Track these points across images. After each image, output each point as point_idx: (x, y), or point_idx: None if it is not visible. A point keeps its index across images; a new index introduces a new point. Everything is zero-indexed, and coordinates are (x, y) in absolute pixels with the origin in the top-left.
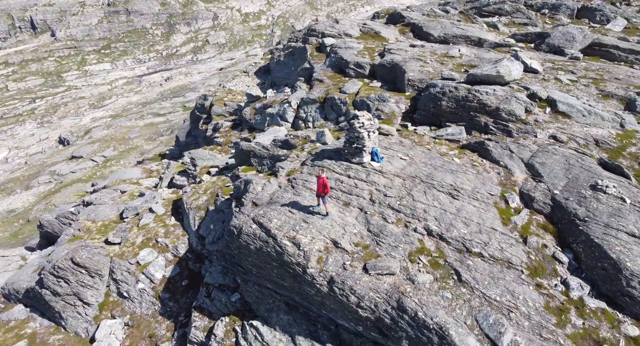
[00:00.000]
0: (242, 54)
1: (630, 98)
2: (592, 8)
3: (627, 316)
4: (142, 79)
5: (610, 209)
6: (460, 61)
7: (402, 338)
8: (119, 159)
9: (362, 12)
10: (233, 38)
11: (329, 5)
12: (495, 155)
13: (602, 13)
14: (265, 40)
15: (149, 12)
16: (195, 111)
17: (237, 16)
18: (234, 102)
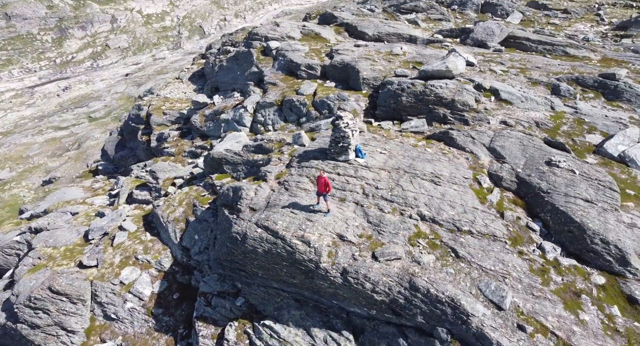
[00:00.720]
0: (149, 58)
1: (554, 84)
2: (493, 3)
3: (593, 269)
4: (34, 90)
5: (566, 180)
6: (405, 58)
7: (417, 315)
8: (20, 181)
9: (270, 10)
10: (136, 41)
11: (236, 4)
12: (460, 143)
13: (502, 7)
14: (172, 43)
15: (33, 16)
16: (129, 122)
17: (138, 18)
18: (173, 110)
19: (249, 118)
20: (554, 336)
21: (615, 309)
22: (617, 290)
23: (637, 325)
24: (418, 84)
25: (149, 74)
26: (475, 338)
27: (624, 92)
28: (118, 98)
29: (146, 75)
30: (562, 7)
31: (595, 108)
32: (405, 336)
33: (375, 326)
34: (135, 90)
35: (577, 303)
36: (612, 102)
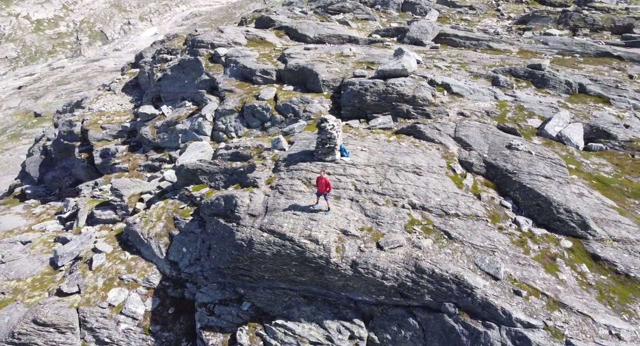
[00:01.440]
0: (45, 68)
1: (494, 77)
2: (412, 2)
3: (561, 235)
4: None
5: (526, 161)
6: (356, 59)
7: (424, 294)
8: None
9: (178, 12)
10: (27, 50)
11: (140, 6)
12: (429, 135)
13: (420, 6)
14: (71, 50)
15: None
16: (60, 140)
17: (26, 24)
18: (113, 124)
19: (209, 126)
20: (544, 297)
21: (584, 267)
22: (582, 250)
23: (603, 277)
24: (380, 83)
25: (48, 86)
26: (481, 308)
27: (550, 80)
28: (13, 114)
29: (44, 87)
30: (467, 4)
31: (529, 95)
32: (414, 315)
33: (383, 311)
34: (32, 104)
35: (554, 266)
36: (541, 89)
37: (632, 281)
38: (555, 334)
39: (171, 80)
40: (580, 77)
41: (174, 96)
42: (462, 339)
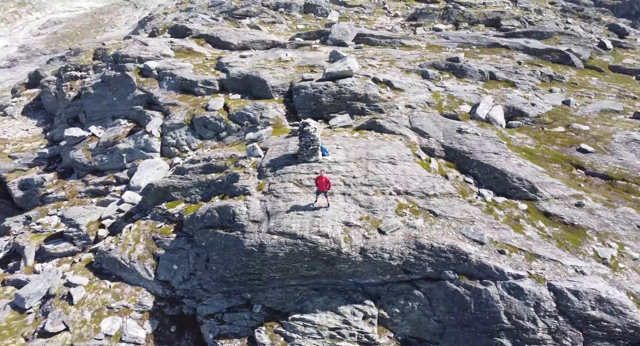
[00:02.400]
0: None
1: (423, 71)
2: (313, 4)
3: (517, 200)
4: None
5: (477, 142)
6: (295, 64)
7: (426, 267)
8: None
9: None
10: None
11: None
12: (389, 128)
13: (321, 7)
14: None
15: None
16: None
17: None
18: (23, 151)
19: (157, 142)
20: (522, 252)
21: (541, 223)
22: (536, 210)
23: (556, 229)
24: (332, 85)
25: None
26: (477, 269)
27: (467, 70)
28: None
29: None
30: (357, 3)
31: (454, 85)
32: (417, 287)
33: (389, 289)
34: None
35: (520, 226)
36: (461, 78)
37: (577, 229)
38: (538, 279)
39: (95, 98)
40: (488, 66)
41: (102, 115)
42: (466, 299)
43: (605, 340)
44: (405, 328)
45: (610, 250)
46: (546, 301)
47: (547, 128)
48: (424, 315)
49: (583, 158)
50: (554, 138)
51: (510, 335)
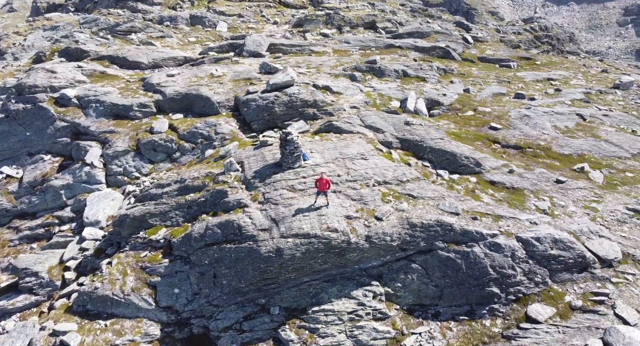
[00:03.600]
0: None
1: (349, 74)
2: (200, 16)
3: (467, 175)
4: None
5: (424, 131)
6: (229, 78)
7: (419, 242)
8: None
9: None
10: None
11: None
12: (346, 128)
13: (208, 19)
14: None
15: None
16: None
17: None
18: None
19: (102, 173)
20: (489, 216)
21: (490, 190)
22: (484, 181)
23: (503, 194)
24: (282, 95)
25: None
26: (461, 235)
27: (385, 70)
28: None
29: None
30: (235, 12)
31: (379, 84)
32: (413, 261)
33: (389, 267)
34: None
35: (477, 196)
36: (381, 78)
37: (517, 191)
38: (508, 235)
39: (1, 136)
40: (399, 65)
41: (13, 153)
42: (457, 261)
43: (563, 271)
44: (408, 298)
45: (545, 203)
46: (518, 250)
47: (460, 113)
48: (422, 284)
49: (496, 134)
50: (469, 121)
51: (497, 283)
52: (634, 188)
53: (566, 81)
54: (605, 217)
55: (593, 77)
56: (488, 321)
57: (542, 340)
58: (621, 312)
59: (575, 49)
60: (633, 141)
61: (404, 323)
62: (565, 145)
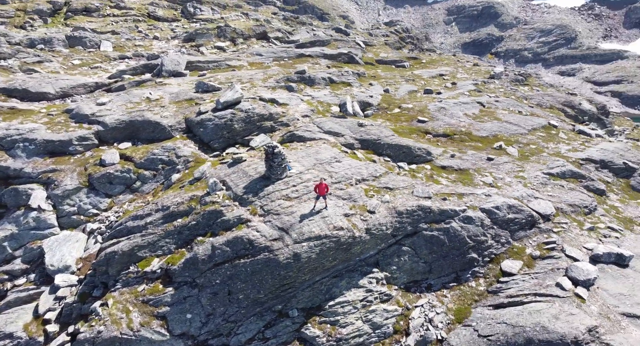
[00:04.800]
0: None
1: (286, 85)
2: (79, 36)
3: (422, 163)
4: None
5: (377, 131)
6: (168, 100)
7: (407, 227)
8: None
9: None
10: None
11: None
12: (308, 136)
13: (89, 39)
14: None
15: None
16: None
17: None
18: None
19: (53, 216)
20: (453, 195)
21: (444, 174)
22: (436, 166)
23: (454, 175)
24: (237, 112)
25: None
26: (439, 215)
27: (315, 79)
28: None
29: None
30: (108, 30)
31: (315, 92)
32: (403, 244)
33: (383, 253)
34: None
35: (436, 180)
36: (313, 86)
37: (464, 171)
38: (474, 208)
39: None
40: (325, 73)
41: None
42: (440, 238)
43: (519, 230)
44: (403, 278)
45: (489, 178)
46: (484, 219)
47: (389, 111)
48: (413, 263)
49: (425, 126)
50: (399, 117)
51: (474, 249)
52: (540, 157)
53: (453, 75)
54: (532, 182)
55: (471, 70)
56: (473, 282)
57: (522, 286)
58: (570, 253)
59: (432, 46)
60: (524, 120)
61: (405, 299)
62: (480, 129)
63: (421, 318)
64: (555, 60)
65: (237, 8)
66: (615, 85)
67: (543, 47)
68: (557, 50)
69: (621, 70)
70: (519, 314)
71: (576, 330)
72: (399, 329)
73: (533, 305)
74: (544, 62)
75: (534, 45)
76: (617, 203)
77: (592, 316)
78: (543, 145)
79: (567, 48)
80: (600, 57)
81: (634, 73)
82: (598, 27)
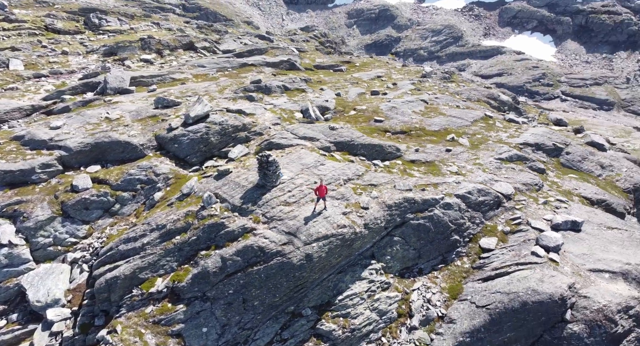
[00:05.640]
0: None
1: (247, 95)
2: None
3: (394, 160)
4: None
5: (348, 133)
6: (130, 119)
7: (396, 218)
8: None
9: None
10: None
11: None
12: (285, 143)
13: None
14: None
15: None
16: None
17: None
18: None
19: (27, 249)
20: (430, 185)
21: (415, 167)
22: (407, 161)
23: (423, 168)
24: (212, 125)
25: None
26: (422, 204)
27: (271, 88)
28: None
29: None
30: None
31: (274, 100)
32: (393, 235)
33: (377, 245)
34: None
35: (410, 173)
36: (270, 95)
37: (431, 163)
38: (450, 195)
39: None
40: (278, 82)
41: None
42: (426, 225)
43: (489, 210)
44: (397, 266)
45: (454, 167)
46: (461, 204)
47: (346, 114)
48: (405, 251)
49: (383, 125)
50: (357, 118)
51: (456, 232)
52: (488, 145)
53: (389, 77)
54: (489, 167)
55: (402, 71)
56: (458, 262)
57: (503, 259)
58: (535, 225)
59: (349, 50)
60: (465, 113)
61: (402, 285)
62: (431, 124)
63: (420, 300)
64: (448, 57)
65: (146, 18)
66: (498, 78)
67: (436, 46)
68: (448, 48)
69: (501, 64)
70: (509, 283)
71: (560, 288)
72: (402, 312)
73: (518, 273)
74: (438, 60)
75: (428, 45)
76: (555, 179)
77: (568, 276)
78: (486, 134)
79: (456, 46)
80: (483, 53)
81: (512, 66)
82: (479, 26)
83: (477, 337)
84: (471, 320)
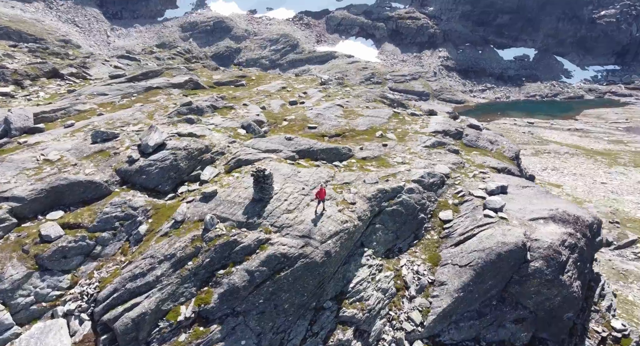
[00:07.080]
0: None
1: (186, 119)
2: None
3: (349, 159)
4: None
5: (304, 141)
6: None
7: (375, 208)
8: None
9: None
10: None
11: None
12: (252, 158)
13: None
14: None
15: None
16: None
17: None
18: None
19: (7, 314)
20: (389, 176)
21: (367, 163)
22: (359, 159)
23: (375, 162)
24: (178, 151)
25: None
26: (392, 193)
27: (202, 108)
28: None
29: None
30: None
31: (210, 120)
32: (374, 223)
33: (363, 234)
34: None
35: (367, 169)
36: (204, 115)
37: (379, 157)
38: (409, 181)
39: None
40: (206, 102)
41: None
42: (399, 210)
43: (438, 189)
44: (381, 249)
45: (398, 158)
46: (419, 187)
47: (280, 125)
48: (385, 235)
49: (318, 131)
50: (292, 127)
51: (422, 211)
52: (410, 136)
53: (293, 87)
54: (423, 154)
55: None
56: (428, 235)
57: (465, 225)
58: (476, 194)
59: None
60: (378, 112)
61: (391, 264)
62: (357, 125)
63: (410, 273)
64: (288, 64)
65: None
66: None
67: (276, 54)
68: (287, 56)
69: (337, 67)
70: (480, 242)
71: (519, 237)
72: (399, 287)
73: (483, 233)
74: (280, 67)
75: (269, 53)
76: (467, 156)
77: (518, 227)
78: (404, 128)
79: (295, 53)
80: (320, 58)
81: (346, 68)
82: (310, 34)
83: (467, 290)
84: (460, 278)
